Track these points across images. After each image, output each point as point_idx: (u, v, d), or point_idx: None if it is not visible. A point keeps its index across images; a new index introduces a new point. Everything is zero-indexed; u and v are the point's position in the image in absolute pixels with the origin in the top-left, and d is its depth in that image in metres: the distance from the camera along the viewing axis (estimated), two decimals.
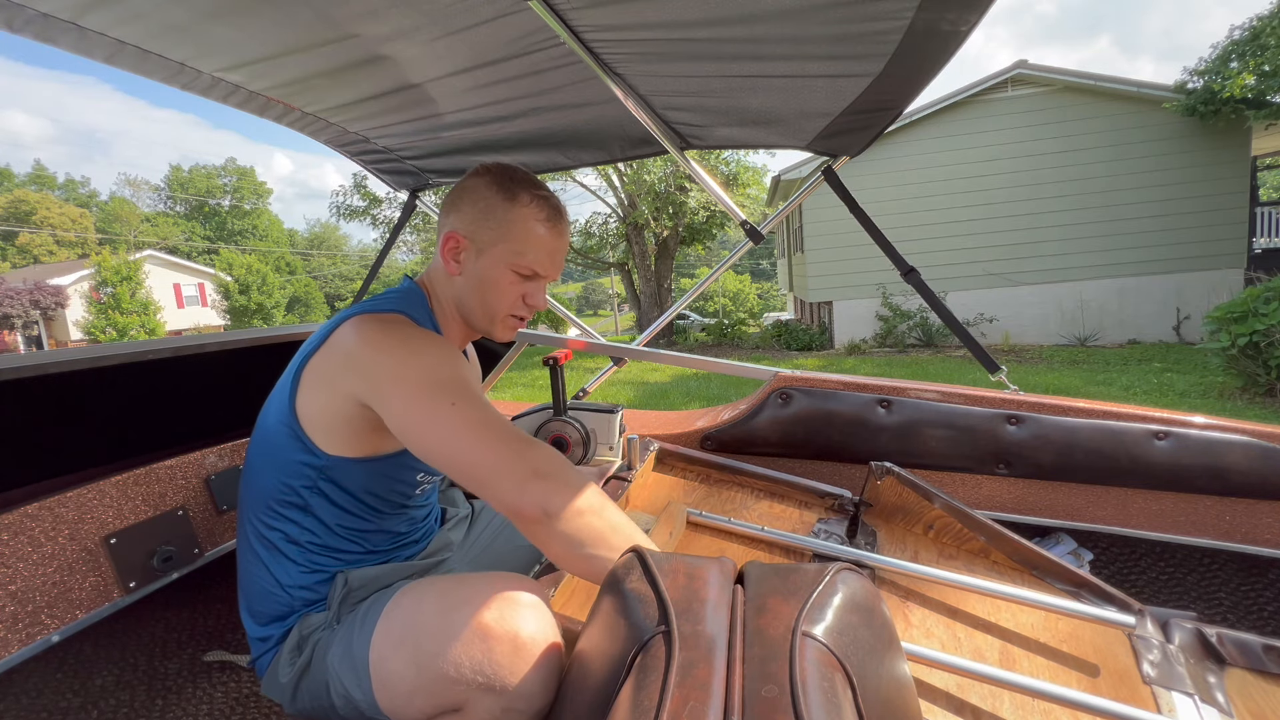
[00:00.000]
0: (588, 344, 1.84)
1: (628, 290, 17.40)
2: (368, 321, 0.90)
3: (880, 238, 1.60)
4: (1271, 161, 13.55)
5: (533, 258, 0.97)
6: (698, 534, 1.12)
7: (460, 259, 0.98)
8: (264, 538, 0.95)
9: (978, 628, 0.95)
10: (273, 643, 0.95)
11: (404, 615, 0.82)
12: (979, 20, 0.89)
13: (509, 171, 0.99)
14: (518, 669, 0.74)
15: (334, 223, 52.98)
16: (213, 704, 1.33)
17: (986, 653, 0.91)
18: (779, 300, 26.35)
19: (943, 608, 0.98)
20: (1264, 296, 5.72)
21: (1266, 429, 1.20)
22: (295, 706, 0.92)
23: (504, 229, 0.96)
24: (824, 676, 0.48)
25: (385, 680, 0.80)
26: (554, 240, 0.99)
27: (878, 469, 1.13)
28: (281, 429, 0.92)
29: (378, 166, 1.91)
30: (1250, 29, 9.48)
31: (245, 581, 0.98)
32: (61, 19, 1.03)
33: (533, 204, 0.96)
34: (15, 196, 38.90)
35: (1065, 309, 10.97)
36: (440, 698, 0.76)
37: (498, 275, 0.97)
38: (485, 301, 0.99)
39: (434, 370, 0.85)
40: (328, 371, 0.89)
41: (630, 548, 0.66)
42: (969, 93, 10.77)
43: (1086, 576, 1.02)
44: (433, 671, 0.75)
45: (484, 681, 0.73)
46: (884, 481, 1.12)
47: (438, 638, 0.76)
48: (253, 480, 0.97)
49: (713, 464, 1.27)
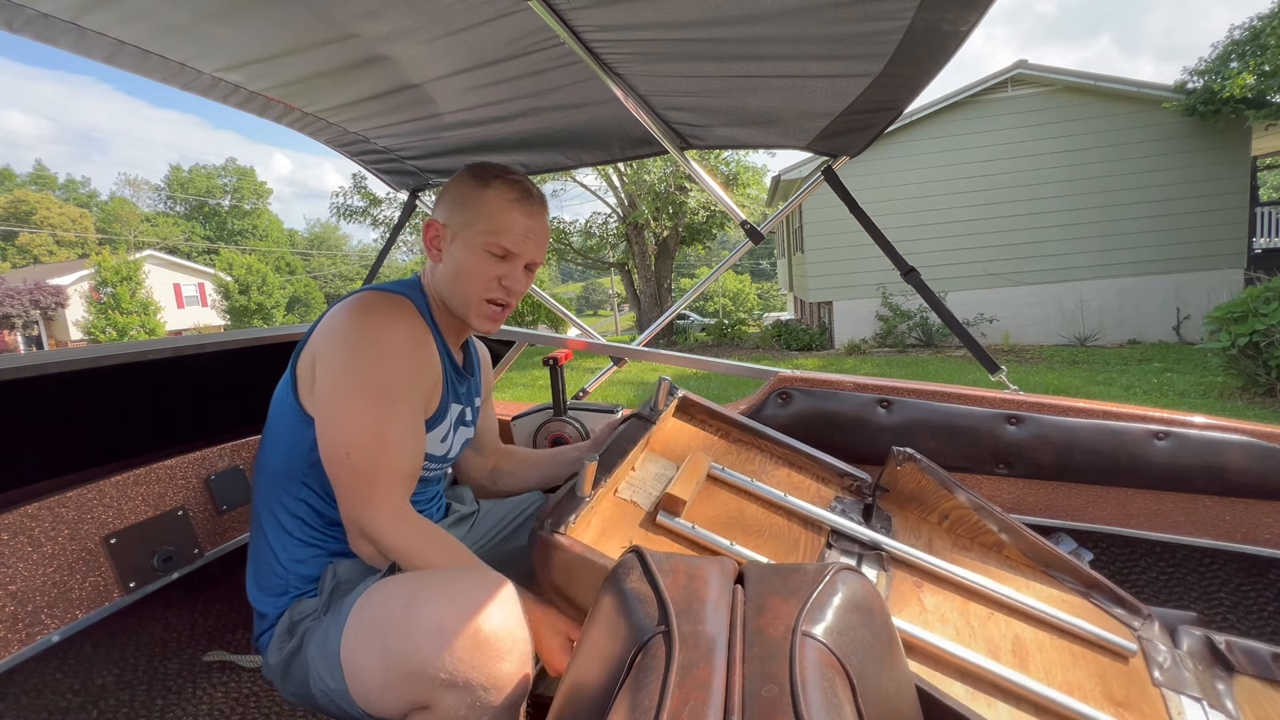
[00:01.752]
0: (588, 344, 1.83)
1: (628, 290, 17.40)
2: (358, 298, 0.96)
3: (880, 238, 1.60)
4: (1271, 161, 13.55)
5: (505, 237, 1.00)
6: (717, 488, 1.10)
7: (440, 246, 1.03)
8: (270, 513, 1.00)
9: (990, 620, 0.95)
10: (269, 621, 0.98)
11: (372, 611, 0.82)
12: (979, 20, 0.89)
13: (487, 165, 1.05)
14: (480, 665, 0.73)
15: (334, 223, 53.07)
16: (213, 704, 1.33)
17: (1000, 644, 0.91)
18: (779, 300, 26.36)
19: (956, 598, 0.98)
20: (1264, 296, 5.73)
21: (1266, 429, 1.20)
22: (286, 690, 0.94)
23: (475, 210, 1.00)
24: (824, 676, 0.48)
25: (356, 675, 0.81)
26: (525, 219, 1.01)
27: (899, 454, 1.11)
28: (283, 403, 0.99)
29: (378, 166, 1.91)
30: (1250, 29, 9.48)
31: (252, 558, 1.03)
32: (61, 19, 1.03)
33: (503, 186, 1.01)
34: (15, 196, 38.92)
35: (1065, 309, 10.97)
36: (408, 695, 0.76)
37: (469, 255, 1.00)
38: (461, 284, 1.02)
39: (368, 361, 0.90)
40: (313, 341, 0.96)
41: (630, 548, 0.66)
42: (969, 93, 10.77)
43: (1098, 577, 1.02)
44: (399, 669, 0.75)
45: (446, 679, 0.73)
46: (904, 467, 1.12)
47: (401, 635, 0.76)
48: (263, 457, 1.02)
49: (734, 422, 1.25)
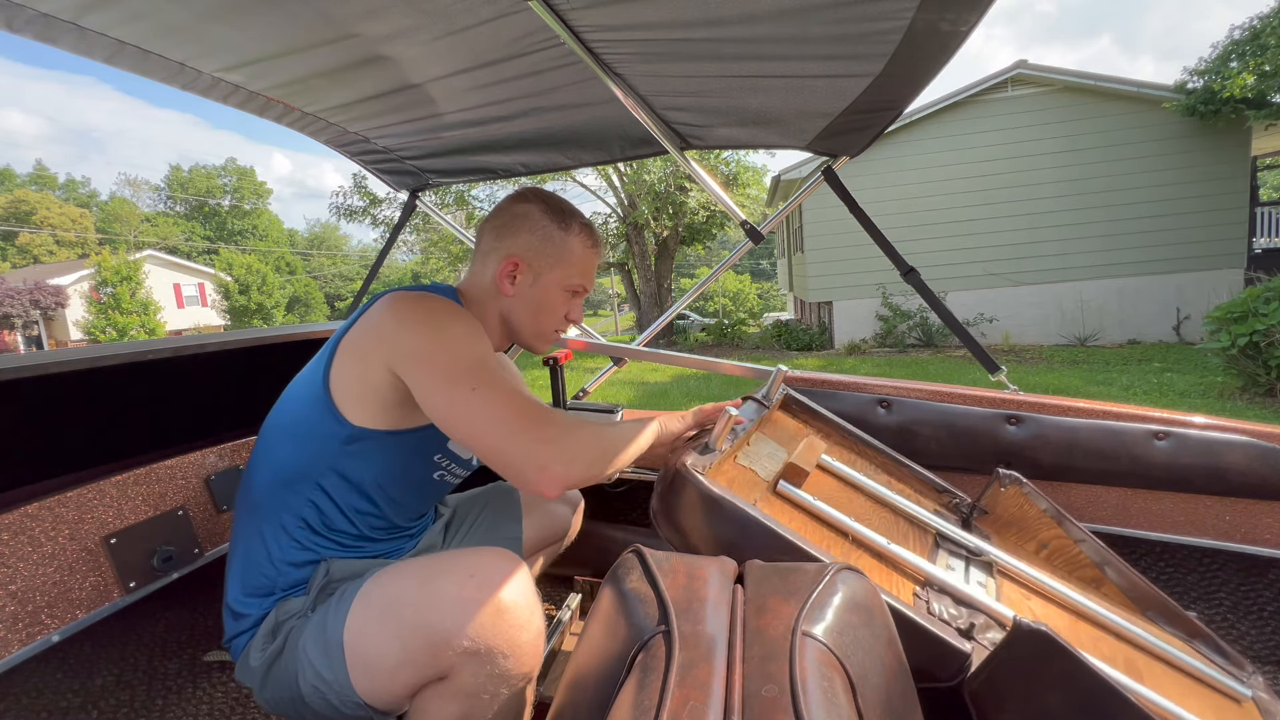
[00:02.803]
0: (588, 344, 1.83)
1: (628, 290, 17.39)
2: (403, 296, 0.95)
3: (880, 238, 1.60)
4: (1271, 161, 13.55)
5: (581, 278, 1.08)
6: (825, 477, 1.10)
7: (516, 280, 1.05)
8: (272, 513, 0.97)
9: (1100, 641, 0.92)
10: (249, 624, 0.96)
11: (383, 592, 0.84)
12: (979, 20, 0.89)
13: (559, 202, 1.08)
14: (502, 632, 0.77)
15: (334, 223, 53.08)
16: (213, 704, 1.33)
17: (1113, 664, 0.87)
18: (779, 300, 26.35)
19: (1064, 615, 0.94)
20: (1264, 296, 5.72)
21: (1266, 429, 1.20)
22: (264, 695, 0.93)
23: (560, 255, 1.05)
24: (824, 676, 0.48)
25: (365, 658, 0.81)
26: (596, 259, 1.11)
27: (1005, 477, 1.10)
28: (309, 403, 0.96)
29: (378, 166, 1.91)
30: (1250, 29, 9.47)
31: (239, 558, 1.00)
32: (61, 19, 1.03)
33: (582, 233, 1.07)
34: (15, 196, 38.90)
35: (1065, 309, 10.97)
36: (426, 668, 0.78)
37: (552, 296, 1.06)
38: (538, 320, 1.07)
39: (457, 350, 0.89)
40: (362, 343, 0.93)
41: (631, 548, 0.66)
42: (969, 93, 10.77)
43: (1202, 627, 0.99)
44: (417, 642, 0.77)
45: (469, 646, 0.76)
46: (1007, 490, 1.10)
47: (420, 608, 0.79)
48: (272, 457, 0.99)
49: (836, 424, 1.25)
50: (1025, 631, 0.67)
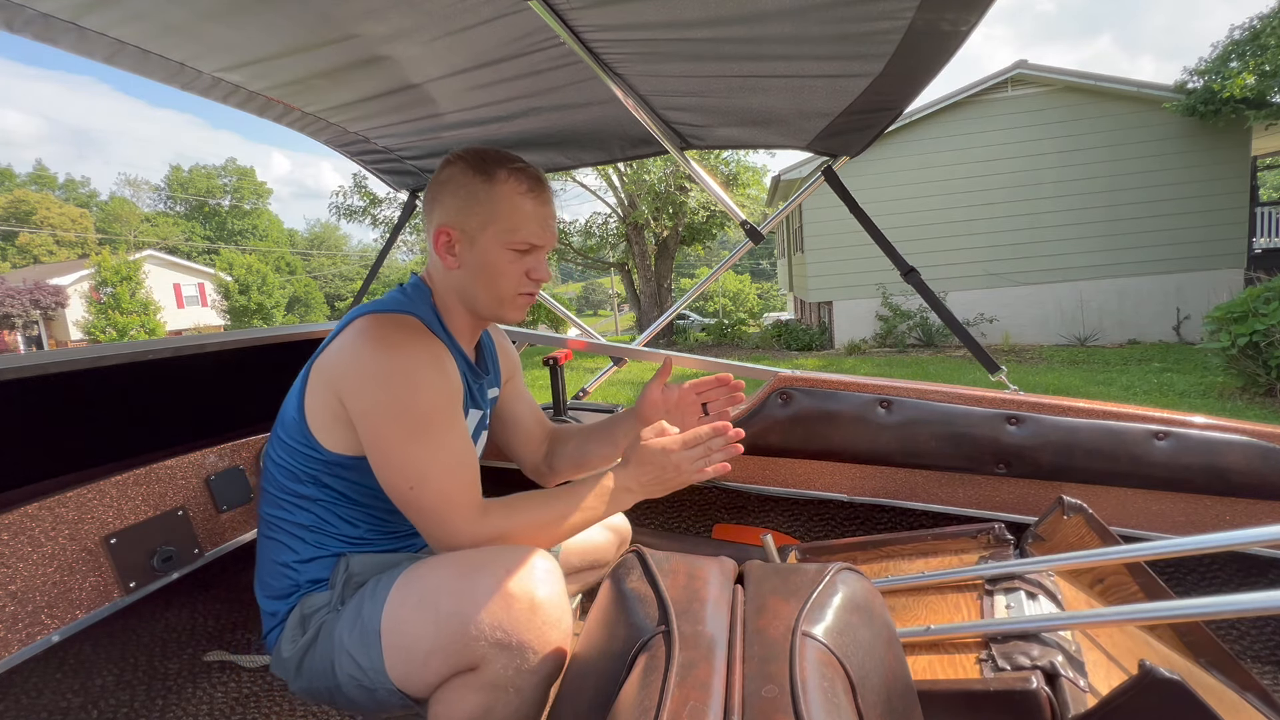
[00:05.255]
0: (588, 344, 1.84)
1: (628, 290, 17.40)
2: (368, 326, 0.92)
3: (880, 238, 1.60)
4: (1271, 161, 13.56)
5: (526, 231, 0.97)
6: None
7: (455, 251, 0.98)
8: (278, 519, 0.99)
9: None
10: (278, 619, 0.98)
11: (421, 581, 0.85)
12: (979, 20, 0.89)
13: (480, 152, 0.99)
14: (534, 627, 0.78)
15: (334, 223, 53.10)
16: (213, 704, 1.33)
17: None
18: (779, 300, 26.34)
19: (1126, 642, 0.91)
20: (1264, 296, 5.72)
21: (1266, 429, 1.19)
22: (299, 684, 0.94)
23: (490, 210, 0.95)
24: (824, 676, 0.48)
25: (401, 644, 0.83)
26: (541, 208, 0.99)
27: (1069, 505, 1.02)
28: (293, 424, 0.96)
29: (378, 166, 1.91)
30: (1250, 29, 9.47)
31: (259, 558, 1.03)
32: (61, 19, 1.03)
33: (511, 178, 0.96)
34: (15, 196, 38.89)
35: (1065, 309, 10.97)
36: (458, 656, 0.79)
37: (496, 258, 0.97)
38: (491, 287, 0.99)
39: (403, 399, 0.87)
40: (327, 372, 0.93)
41: (631, 548, 0.66)
42: (969, 93, 10.77)
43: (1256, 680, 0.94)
44: (452, 630, 0.79)
45: (502, 638, 0.77)
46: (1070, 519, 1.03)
47: (457, 597, 0.80)
48: (271, 466, 1.01)
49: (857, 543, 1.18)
50: (1156, 681, 0.60)
